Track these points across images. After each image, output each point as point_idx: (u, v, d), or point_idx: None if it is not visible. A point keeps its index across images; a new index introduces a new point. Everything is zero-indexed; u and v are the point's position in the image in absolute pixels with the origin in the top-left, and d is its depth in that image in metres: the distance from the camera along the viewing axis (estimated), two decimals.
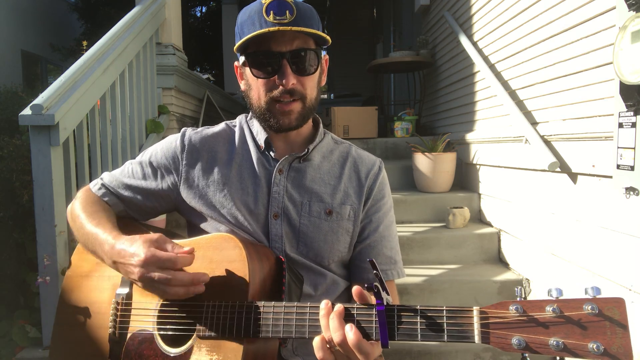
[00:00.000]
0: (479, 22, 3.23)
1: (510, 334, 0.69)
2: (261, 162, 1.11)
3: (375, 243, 1.13)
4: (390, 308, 0.77)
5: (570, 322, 0.67)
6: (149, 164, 1.14)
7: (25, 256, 2.38)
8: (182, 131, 1.16)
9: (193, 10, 10.42)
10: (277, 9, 0.98)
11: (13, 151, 2.47)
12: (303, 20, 0.99)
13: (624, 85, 1.53)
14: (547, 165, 2.05)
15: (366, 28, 9.80)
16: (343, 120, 4.32)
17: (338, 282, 1.13)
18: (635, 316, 1.60)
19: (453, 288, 2.35)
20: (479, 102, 3.25)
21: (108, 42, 2.62)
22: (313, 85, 1.06)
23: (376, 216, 1.14)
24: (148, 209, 1.17)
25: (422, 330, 0.75)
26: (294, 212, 1.08)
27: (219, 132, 1.17)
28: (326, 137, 1.19)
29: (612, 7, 1.71)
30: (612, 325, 0.65)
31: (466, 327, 0.72)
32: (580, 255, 1.94)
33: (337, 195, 1.11)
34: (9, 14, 8.23)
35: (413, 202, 3.05)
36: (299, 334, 0.84)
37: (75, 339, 1.10)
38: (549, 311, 0.68)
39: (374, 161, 1.19)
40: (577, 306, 0.67)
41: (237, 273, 0.92)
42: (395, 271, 1.15)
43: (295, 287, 1.00)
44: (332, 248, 1.09)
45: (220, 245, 0.97)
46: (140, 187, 1.14)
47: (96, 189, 1.16)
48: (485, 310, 0.72)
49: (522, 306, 0.70)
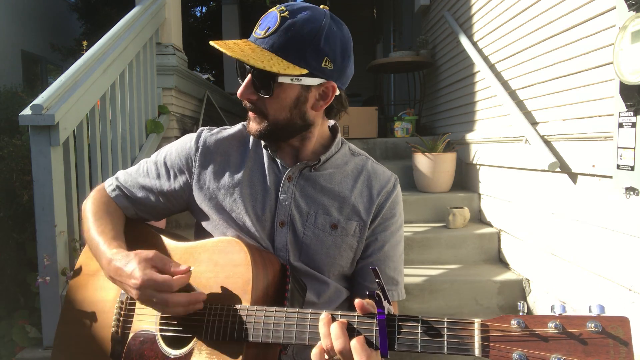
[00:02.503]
0: (479, 22, 3.23)
1: (511, 349, 0.68)
2: (272, 167, 1.10)
3: (379, 262, 1.11)
4: (391, 317, 0.77)
5: (573, 339, 0.66)
6: (163, 163, 1.14)
7: (25, 256, 2.38)
8: (199, 132, 1.15)
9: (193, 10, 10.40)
10: (264, 22, 0.97)
11: (13, 151, 2.47)
12: (279, 41, 0.94)
13: (624, 85, 1.53)
14: (547, 165, 2.05)
15: (366, 28, 9.81)
16: (343, 120, 4.29)
17: (341, 290, 1.12)
18: (635, 316, 1.60)
19: (453, 288, 2.35)
20: (479, 102, 3.25)
21: (108, 42, 2.62)
22: (278, 108, 1.00)
23: (383, 235, 1.12)
24: (161, 209, 1.17)
25: (422, 341, 0.74)
26: (299, 222, 1.06)
27: (234, 134, 1.16)
28: (343, 148, 1.16)
29: (612, 7, 1.71)
30: (615, 344, 0.64)
31: (467, 339, 0.72)
32: (581, 255, 1.94)
33: (344, 209, 1.08)
34: (9, 14, 8.22)
35: (413, 202, 3.05)
36: (299, 340, 0.83)
37: (79, 337, 1.10)
38: (552, 327, 0.67)
39: (389, 177, 1.15)
40: (580, 323, 0.66)
41: (241, 277, 0.92)
42: (397, 292, 1.13)
43: (298, 295, 0.99)
44: (333, 262, 1.07)
45: (226, 248, 0.97)
46: (153, 187, 1.14)
47: (110, 189, 1.16)
48: (486, 324, 0.71)
49: (524, 321, 0.69)
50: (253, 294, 0.90)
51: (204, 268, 0.98)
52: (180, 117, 3.92)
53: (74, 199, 2.21)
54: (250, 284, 0.90)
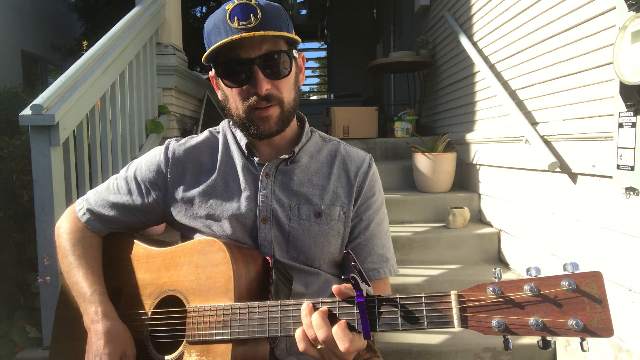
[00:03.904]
0: (479, 22, 3.23)
1: (489, 317, 0.68)
2: (247, 167, 1.09)
3: (367, 242, 1.12)
4: (370, 299, 0.77)
5: (548, 301, 0.66)
6: (133, 178, 1.13)
7: (25, 256, 2.38)
8: (166, 144, 1.14)
9: (193, 10, 10.40)
10: (240, 14, 0.95)
11: (13, 151, 2.47)
12: (269, 23, 0.96)
13: (624, 85, 1.53)
14: (547, 165, 2.05)
15: (366, 28, 9.80)
16: (343, 120, 4.33)
17: (330, 280, 1.12)
18: (635, 316, 1.60)
19: (453, 288, 2.34)
20: (479, 102, 3.25)
21: (108, 42, 2.61)
22: (289, 87, 1.03)
23: (366, 214, 1.12)
24: (136, 225, 1.16)
25: (403, 319, 0.75)
26: (283, 216, 1.06)
27: (203, 141, 1.15)
28: (313, 136, 1.17)
29: (612, 7, 1.71)
30: (590, 301, 0.64)
31: (445, 312, 0.72)
32: (581, 255, 1.94)
33: (326, 196, 1.09)
34: (9, 14, 8.22)
35: (413, 202, 3.05)
36: (285, 331, 0.84)
37: (72, 351, 1.10)
38: (527, 290, 0.67)
39: (363, 158, 1.16)
40: (554, 283, 0.66)
41: (222, 276, 0.92)
42: (388, 269, 1.14)
43: (283, 287, 0.99)
44: (323, 250, 1.08)
45: (205, 249, 0.97)
46: (125, 204, 1.12)
47: (81, 214, 1.15)
48: (462, 294, 0.71)
49: (500, 287, 0.69)
50: (236, 291, 0.90)
51: (185, 271, 0.98)
52: (180, 117, 3.92)
53: (74, 199, 2.20)
54: (231, 282, 0.90)
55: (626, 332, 1.65)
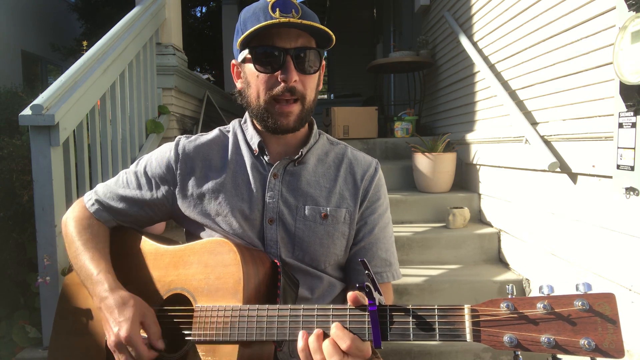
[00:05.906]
0: (479, 22, 3.23)
1: (501, 332, 0.69)
2: (255, 167, 1.10)
3: (370, 245, 1.12)
4: (383, 308, 0.77)
5: (561, 319, 0.67)
6: (143, 173, 1.14)
7: (25, 256, 2.38)
8: (177, 140, 1.15)
9: (193, 10, 10.41)
10: (282, 7, 0.98)
11: (13, 151, 2.47)
12: (310, 16, 1.00)
13: (624, 85, 1.53)
14: (547, 165, 2.05)
15: (366, 28, 9.80)
16: (343, 120, 4.33)
17: (334, 284, 1.12)
18: (635, 316, 1.60)
19: (453, 288, 2.35)
20: (479, 102, 3.25)
21: (108, 43, 2.61)
22: (313, 87, 1.06)
23: (371, 218, 1.13)
24: (144, 219, 1.17)
25: (414, 329, 0.75)
26: (289, 217, 1.07)
27: (213, 139, 1.16)
28: (321, 138, 1.18)
29: (612, 7, 1.71)
30: (603, 321, 0.65)
31: (457, 325, 0.72)
32: (581, 256, 1.94)
33: (332, 198, 1.10)
34: (9, 14, 8.22)
35: (413, 202, 3.05)
36: (293, 336, 0.83)
37: (73, 347, 1.10)
38: (540, 308, 0.68)
39: (370, 162, 1.18)
40: (567, 302, 0.67)
41: (232, 277, 0.92)
42: (391, 273, 1.14)
43: (290, 290, 0.99)
44: (328, 252, 1.08)
45: (215, 249, 0.97)
46: (135, 198, 1.13)
47: (90, 204, 1.16)
48: (476, 309, 0.72)
49: (513, 303, 0.70)
50: (245, 293, 0.91)
51: (195, 270, 0.98)
52: (180, 117, 3.92)
53: (74, 199, 2.20)
54: (241, 284, 0.90)
55: (626, 332, 1.65)
